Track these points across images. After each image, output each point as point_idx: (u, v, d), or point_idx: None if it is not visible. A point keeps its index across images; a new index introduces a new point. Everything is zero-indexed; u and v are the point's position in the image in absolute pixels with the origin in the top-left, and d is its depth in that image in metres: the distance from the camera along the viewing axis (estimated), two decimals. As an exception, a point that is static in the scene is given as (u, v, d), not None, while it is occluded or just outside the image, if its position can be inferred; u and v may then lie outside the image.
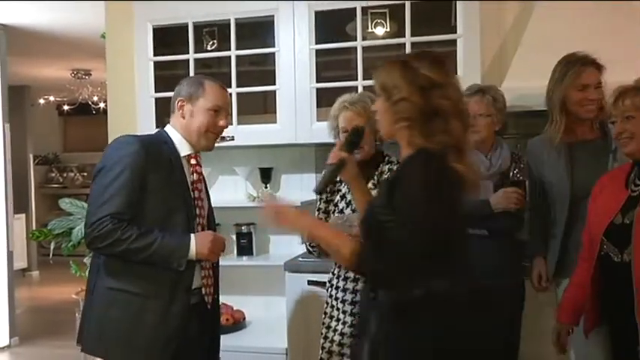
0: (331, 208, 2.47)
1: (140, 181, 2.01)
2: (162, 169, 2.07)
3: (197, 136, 2.18)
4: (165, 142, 2.15)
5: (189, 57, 3.52)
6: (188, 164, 2.18)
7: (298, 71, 3.33)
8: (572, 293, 2.29)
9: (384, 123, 1.70)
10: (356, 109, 2.40)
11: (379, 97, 1.71)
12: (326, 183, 1.97)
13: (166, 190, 2.07)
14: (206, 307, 2.18)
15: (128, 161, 2.01)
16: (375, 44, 3.37)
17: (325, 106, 3.42)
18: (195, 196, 2.16)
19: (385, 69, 1.72)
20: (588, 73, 2.46)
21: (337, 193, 2.48)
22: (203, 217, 2.19)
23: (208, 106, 2.16)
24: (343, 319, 2.40)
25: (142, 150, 2.03)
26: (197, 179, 2.18)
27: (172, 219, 2.07)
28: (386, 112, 1.68)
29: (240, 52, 3.46)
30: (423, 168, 1.58)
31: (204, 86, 2.18)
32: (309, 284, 3.11)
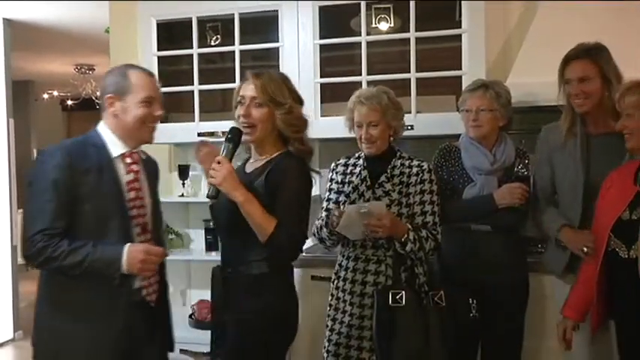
0: (342, 199, 2.48)
1: (68, 192, 1.97)
2: (90, 175, 2.00)
3: (134, 131, 2.08)
4: (93, 145, 2.06)
5: (192, 52, 3.52)
6: (123, 164, 2.09)
7: (302, 66, 3.33)
8: (579, 289, 2.28)
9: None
10: (371, 105, 2.40)
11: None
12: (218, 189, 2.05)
13: (97, 196, 2.00)
14: (149, 305, 2.11)
15: (52, 175, 1.97)
16: (379, 39, 3.36)
17: (329, 101, 3.44)
18: (131, 197, 2.07)
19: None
20: (570, 67, 2.44)
21: (349, 184, 2.49)
22: (143, 216, 2.10)
23: (139, 98, 2.06)
24: (350, 311, 2.41)
25: (65, 161, 1.97)
26: (133, 179, 2.09)
27: (108, 225, 2.01)
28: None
29: (244, 47, 3.45)
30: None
31: (130, 78, 2.06)
32: (312, 279, 3.10)
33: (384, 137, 2.43)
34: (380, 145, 2.43)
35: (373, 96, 2.42)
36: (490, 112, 2.54)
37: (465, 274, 2.48)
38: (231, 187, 2.01)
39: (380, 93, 2.43)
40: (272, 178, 2.06)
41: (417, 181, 2.42)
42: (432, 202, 2.41)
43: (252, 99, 2.10)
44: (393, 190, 2.42)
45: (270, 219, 2.00)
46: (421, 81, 3.20)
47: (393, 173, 2.44)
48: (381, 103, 2.40)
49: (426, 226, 2.40)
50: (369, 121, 2.40)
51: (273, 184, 2.05)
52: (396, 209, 2.38)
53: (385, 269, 2.39)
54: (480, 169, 2.54)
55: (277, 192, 2.04)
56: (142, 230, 2.10)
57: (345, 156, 2.59)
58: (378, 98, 2.41)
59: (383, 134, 2.41)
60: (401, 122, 2.49)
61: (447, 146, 2.66)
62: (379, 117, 2.39)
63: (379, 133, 2.40)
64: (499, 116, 2.55)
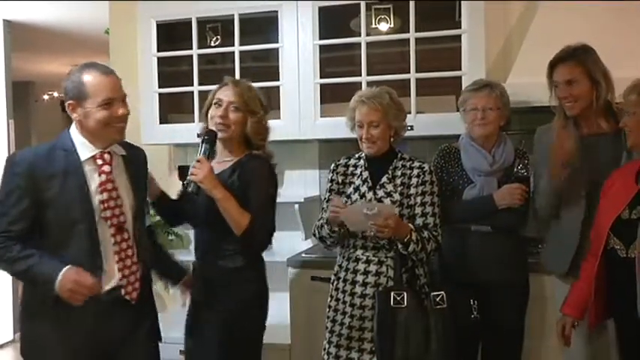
0: (343, 200, 2.47)
1: (32, 199, 2.01)
2: (55, 180, 2.02)
3: (100, 134, 2.09)
4: (63, 149, 2.08)
5: (192, 53, 3.52)
6: (95, 166, 2.09)
7: (302, 67, 3.33)
8: (579, 287, 2.28)
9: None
10: (372, 104, 2.40)
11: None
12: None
13: (61, 202, 2.02)
14: (129, 303, 2.13)
15: (15, 183, 2.02)
16: (379, 40, 3.35)
17: (329, 102, 3.43)
18: (103, 198, 2.07)
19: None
20: (557, 70, 2.44)
21: (350, 185, 2.49)
22: (118, 216, 2.10)
23: (98, 102, 2.04)
24: (350, 312, 2.41)
25: (29, 169, 2.02)
26: (105, 180, 2.08)
27: (73, 230, 2.03)
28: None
29: (244, 47, 3.44)
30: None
31: (84, 83, 2.04)
32: (312, 280, 3.10)
33: (385, 137, 2.43)
34: (381, 146, 2.43)
35: (375, 96, 2.42)
36: (497, 111, 2.54)
37: (466, 275, 2.48)
38: (211, 184, 2.23)
39: (382, 93, 2.43)
40: (244, 177, 2.30)
41: (418, 183, 2.41)
42: (432, 203, 2.41)
43: (230, 103, 2.33)
44: (394, 191, 2.41)
45: (245, 214, 2.25)
46: (421, 81, 3.19)
47: (395, 174, 2.44)
48: (383, 103, 2.40)
49: (426, 227, 2.39)
50: (370, 121, 2.40)
51: (244, 183, 2.29)
52: (397, 210, 2.37)
53: (386, 270, 2.39)
54: (480, 170, 2.54)
55: (248, 190, 2.28)
56: (118, 230, 2.09)
57: (346, 156, 2.58)
58: (380, 98, 2.41)
59: (384, 134, 2.41)
60: (402, 123, 2.48)
61: (447, 147, 2.66)
62: (380, 117, 2.39)
63: (380, 133, 2.40)
64: (502, 116, 2.56)
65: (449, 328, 2.26)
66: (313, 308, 3.02)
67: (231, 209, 2.25)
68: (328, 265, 2.80)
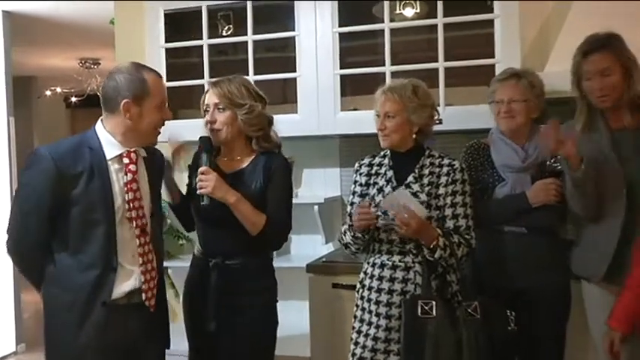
0: (366, 202, 2.45)
1: (54, 198, 2.10)
2: (81, 179, 2.10)
3: (145, 136, 2.21)
4: (89, 147, 2.16)
5: (202, 43, 3.52)
6: (120, 165, 2.18)
7: (320, 57, 3.33)
8: (626, 298, 2.24)
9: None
10: (390, 95, 2.41)
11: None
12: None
13: (85, 201, 2.11)
14: (147, 309, 2.23)
15: (37, 182, 2.11)
16: (404, 26, 3.33)
17: (350, 94, 3.43)
18: (129, 198, 2.16)
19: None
20: (589, 61, 2.40)
21: (374, 185, 2.48)
22: (142, 218, 2.19)
23: (156, 103, 2.18)
24: (377, 322, 2.39)
25: (52, 167, 2.09)
26: (131, 179, 2.18)
27: (92, 232, 2.12)
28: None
29: (258, 37, 3.45)
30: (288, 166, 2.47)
31: (147, 83, 2.15)
32: (333, 287, 3.09)
33: (401, 132, 2.42)
34: (395, 140, 2.42)
35: (396, 87, 2.43)
36: (523, 103, 2.52)
37: (501, 282, 2.46)
38: (222, 192, 2.32)
39: (406, 85, 2.43)
40: (263, 177, 2.39)
41: (447, 182, 2.39)
42: (464, 204, 2.39)
43: (215, 105, 2.42)
44: (421, 192, 2.39)
45: (261, 214, 2.35)
46: (450, 71, 3.17)
47: (422, 173, 2.42)
48: (403, 95, 2.39)
49: (458, 230, 2.37)
50: (385, 112, 2.41)
51: (264, 183, 2.39)
52: (425, 212, 2.35)
53: (414, 277, 2.37)
54: (511, 167, 2.53)
55: (266, 189, 2.38)
56: (142, 232, 2.19)
57: (370, 155, 2.58)
58: (402, 90, 2.41)
59: (399, 128, 2.40)
60: (427, 119, 2.46)
61: (475, 143, 2.65)
62: (397, 109, 2.39)
63: (394, 126, 2.40)
64: (532, 107, 2.53)
65: (483, 342, 2.23)
66: (335, 318, 3.02)
67: (246, 211, 2.34)
68: (352, 272, 2.80)
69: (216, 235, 2.45)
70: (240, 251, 2.40)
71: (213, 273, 2.41)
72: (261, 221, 2.35)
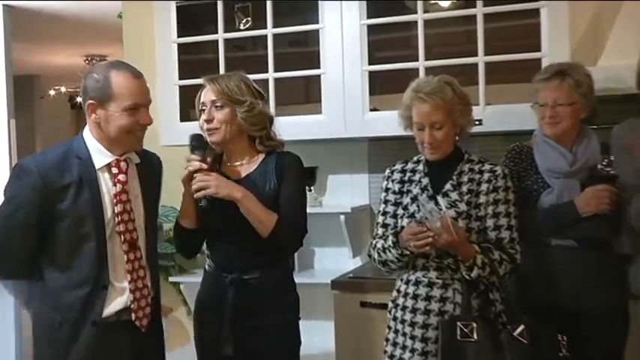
0: (400, 211, 2.45)
1: (41, 214, 2.14)
2: (69, 191, 2.14)
3: (118, 141, 2.20)
4: (77, 157, 2.19)
5: (218, 37, 3.53)
6: (109, 174, 2.21)
7: (347, 52, 3.31)
8: None
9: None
10: (433, 102, 2.35)
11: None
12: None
13: (73, 215, 2.14)
14: (138, 329, 2.24)
15: (24, 197, 2.15)
16: (439, 17, 3.32)
17: (379, 93, 3.45)
18: (118, 210, 2.19)
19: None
20: None
21: (407, 194, 2.46)
22: (132, 232, 2.22)
23: (123, 106, 2.16)
24: (412, 346, 2.37)
25: (38, 180, 2.12)
26: (121, 190, 2.20)
27: (81, 247, 2.16)
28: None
29: (279, 30, 3.45)
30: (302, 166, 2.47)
31: (110, 83, 2.15)
32: (362, 306, 3.06)
33: (450, 139, 2.40)
34: (446, 149, 2.40)
35: (435, 90, 2.37)
36: (569, 107, 2.49)
37: (549, 301, 2.44)
38: (228, 189, 2.29)
39: (442, 85, 2.38)
40: (276, 178, 2.38)
41: (489, 189, 2.36)
42: (507, 214, 2.36)
43: (212, 102, 2.38)
44: (460, 201, 2.36)
45: (271, 213, 2.32)
46: (491, 66, 3.15)
47: (461, 180, 2.40)
48: (446, 99, 2.35)
49: (500, 243, 2.35)
50: (431, 122, 2.35)
51: (277, 185, 2.38)
52: (464, 223, 2.33)
53: (453, 295, 2.34)
54: (557, 172, 2.51)
55: (282, 183, 2.38)
56: (130, 248, 2.22)
57: (402, 160, 2.56)
58: (442, 92, 2.36)
59: (449, 136, 2.37)
60: (469, 119, 2.44)
61: (517, 147, 2.63)
62: (444, 116, 2.34)
63: (444, 135, 2.36)
64: (579, 108, 2.51)
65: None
66: (364, 341, 3.00)
67: (255, 208, 2.31)
68: (382, 289, 2.78)
69: (226, 245, 2.42)
70: (256, 263, 2.37)
71: (229, 290, 2.37)
72: (271, 220, 2.32)
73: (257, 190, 2.35)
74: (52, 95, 9.07)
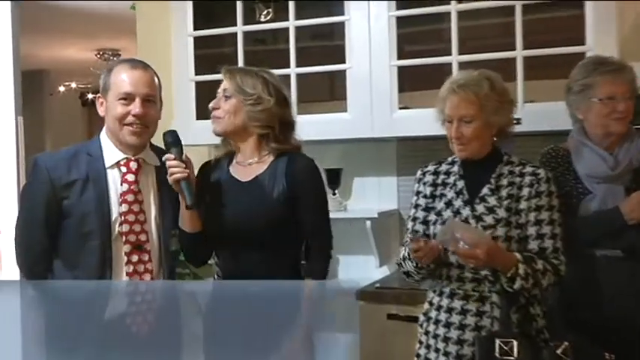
0: (432, 217, 2.43)
1: (48, 210, 2.29)
2: (73, 188, 2.28)
3: (114, 133, 2.33)
4: (88, 153, 2.33)
5: (237, 30, 3.54)
6: (119, 173, 2.33)
7: (374, 45, 3.31)
8: None
9: None
10: (464, 94, 2.34)
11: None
12: (193, 193, 2.30)
13: (78, 211, 2.26)
14: None
15: (33, 193, 2.33)
16: (474, 8, 3.29)
17: (409, 89, 3.44)
18: (122, 210, 2.28)
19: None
20: None
21: (440, 198, 2.44)
22: (138, 234, 2.30)
23: (115, 95, 2.31)
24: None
25: (46, 177, 2.29)
26: (127, 190, 2.30)
27: (86, 244, 2.26)
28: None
29: (301, 22, 3.46)
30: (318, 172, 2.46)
31: (112, 74, 2.33)
32: (389, 319, 3.03)
33: (482, 137, 2.37)
34: (475, 148, 2.38)
35: (469, 83, 2.37)
36: (631, 102, 2.47)
37: (595, 317, 2.40)
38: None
39: (480, 79, 2.37)
40: (290, 184, 2.36)
41: (530, 195, 2.33)
42: (551, 221, 2.32)
43: (223, 92, 2.44)
44: (498, 206, 2.33)
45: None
46: (530, 61, 3.13)
47: (499, 184, 2.36)
48: (480, 93, 2.33)
49: (543, 253, 2.31)
50: (460, 116, 2.35)
51: (292, 191, 2.35)
52: (503, 231, 2.30)
53: (490, 309, 2.31)
54: (598, 177, 2.49)
55: (299, 199, 2.36)
56: (135, 250, 2.29)
57: (435, 161, 2.53)
58: (477, 86, 2.35)
59: (480, 133, 2.35)
60: (507, 118, 2.42)
61: (553, 150, 2.61)
62: (475, 111, 2.33)
63: (474, 131, 2.34)
64: (633, 106, 2.50)
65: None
66: (390, 356, 2.99)
67: None
68: (412, 301, 2.77)
69: (229, 252, 2.42)
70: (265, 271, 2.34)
71: None
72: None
73: (263, 196, 2.36)
74: (62, 92, 9.14)
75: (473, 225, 2.30)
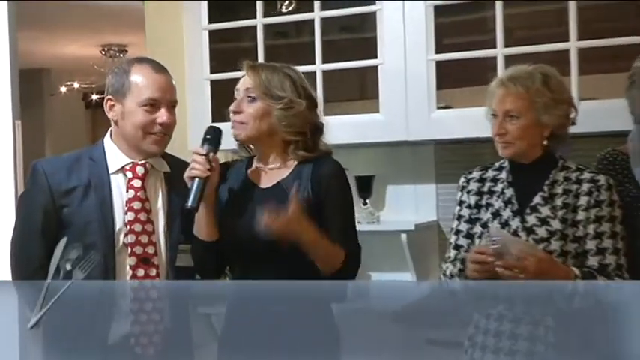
0: (477, 230, 2.42)
1: (47, 219, 2.31)
2: (73, 196, 2.31)
3: (134, 141, 2.33)
4: (91, 159, 2.36)
5: (256, 23, 3.55)
6: (125, 179, 2.35)
7: (410, 38, 3.32)
8: None
9: None
10: (512, 88, 2.34)
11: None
12: (200, 196, 2.23)
13: (80, 221, 2.28)
14: None
15: (31, 200, 2.36)
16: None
17: (449, 86, 3.44)
18: (128, 219, 2.29)
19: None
20: None
21: (486, 208, 2.43)
22: (144, 245, 2.30)
23: (139, 100, 2.30)
24: None
25: (45, 183, 2.31)
26: (133, 197, 2.31)
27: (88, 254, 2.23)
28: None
29: (328, 13, 3.47)
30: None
31: (129, 75, 2.31)
32: (429, 344, 2.99)
33: (529, 137, 2.36)
34: (521, 148, 2.37)
35: (519, 76, 2.36)
36: None
37: None
38: (299, 228, 2.17)
39: (533, 73, 2.37)
40: (317, 191, 2.32)
41: (589, 204, 2.31)
42: (613, 234, 2.31)
43: (246, 92, 2.34)
44: (553, 218, 2.32)
45: (339, 248, 2.25)
46: (586, 53, 3.12)
47: (553, 192, 2.35)
48: (530, 88, 2.33)
49: (604, 270, 2.29)
50: (505, 111, 2.35)
51: (317, 199, 2.31)
52: (557, 245, 2.28)
53: (544, 333, 2.24)
54: None
55: (325, 208, 2.32)
56: (140, 263, 2.29)
57: (481, 166, 2.52)
58: (528, 80, 2.35)
59: (526, 133, 2.35)
60: (562, 119, 2.40)
61: (610, 154, 2.60)
62: (523, 106, 2.33)
63: (519, 129, 2.33)
64: None
65: None
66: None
67: (325, 245, 2.23)
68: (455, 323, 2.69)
69: (252, 264, 2.37)
70: None
71: None
72: (339, 256, 2.26)
73: (287, 200, 2.30)
74: (63, 92, 9.23)
75: (523, 238, 2.28)
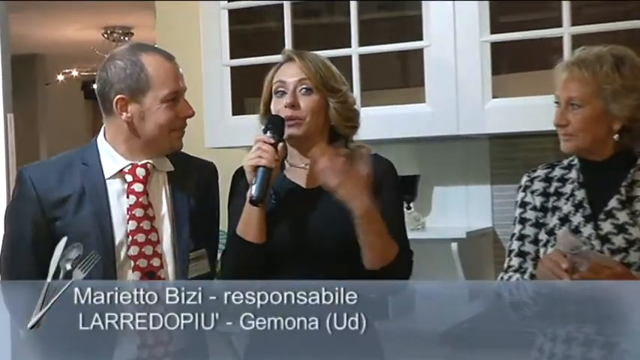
0: (543, 237, 2.40)
1: (37, 232, 2.29)
2: (66, 206, 2.29)
3: (155, 142, 2.31)
4: (84, 163, 2.33)
5: (282, 1, 3.56)
6: (123, 184, 2.32)
7: (460, 17, 3.34)
8: None
9: None
10: (576, 72, 2.32)
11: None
12: (267, 187, 2.25)
13: (75, 233, 2.21)
14: None
15: (19, 211, 2.33)
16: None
17: (506, 72, 3.44)
18: (130, 229, 2.28)
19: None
20: None
21: (553, 212, 2.41)
22: (149, 258, 2.30)
23: (162, 96, 2.27)
24: None
25: (32, 192, 2.28)
26: (135, 203, 2.30)
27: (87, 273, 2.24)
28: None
29: None
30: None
31: (145, 68, 2.27)
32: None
33: (596, 130, 2.33)
34: (586, 142, 2.34)
35: (586, 58, 2.34)
36: None
37: None
38: (351, 188, 2.20)
39: (603, 55, 2.33)
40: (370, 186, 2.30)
41: None
42: None
43: (299, 83, 2.35)
44: (631, 224, 2.29)
45: (393, 240, 2.27)
46: None
47: (632, 194, 2.33)
48: (598, 73, 2.30)
49: None
50: (568, 98, 2.32)
51: (373, 193, 2.29)
52: (637, 256, 2.26)
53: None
54: None
55: (380, 200, 2.30)
56: (144, 278, 2.29)
57: (546, 164, 2.50)
58: (596, 63, 2.32)
59: (591, 124, 2.32)
60: (638, 109, 2.35)
61: None
62: (588, 93, 2.30)
63: (582, 119, 2.31)
64: None
65: None
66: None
67: (381, 229, 2.24)
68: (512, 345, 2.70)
69: (299, 271, 2.32)
70: None
71: None
72: (393, 249, 2.28)
73: (333, 206, 2.31)
74: (60, 81, 9.29)
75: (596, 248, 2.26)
